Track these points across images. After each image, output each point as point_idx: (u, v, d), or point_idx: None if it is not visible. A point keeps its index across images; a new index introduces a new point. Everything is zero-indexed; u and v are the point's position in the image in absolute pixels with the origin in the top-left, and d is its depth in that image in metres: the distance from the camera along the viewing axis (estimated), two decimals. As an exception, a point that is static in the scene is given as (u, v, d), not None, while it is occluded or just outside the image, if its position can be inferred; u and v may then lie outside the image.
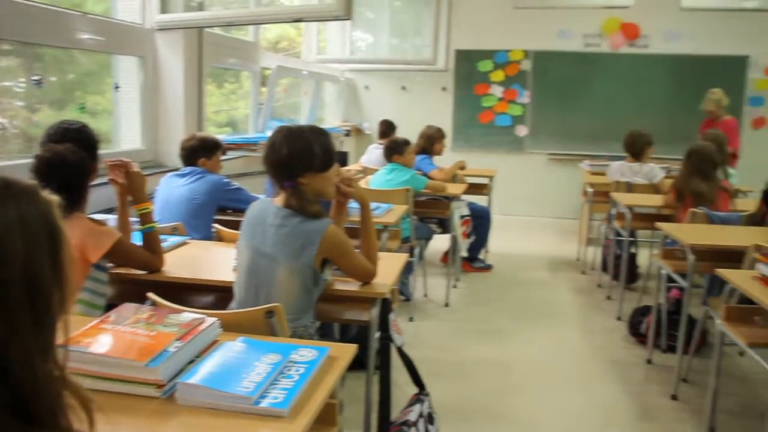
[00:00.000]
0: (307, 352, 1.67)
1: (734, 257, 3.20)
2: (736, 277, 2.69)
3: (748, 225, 3.97)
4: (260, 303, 2.11)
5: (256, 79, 6.29)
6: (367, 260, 2.42)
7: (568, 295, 5.35)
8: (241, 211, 2.42)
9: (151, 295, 2.12)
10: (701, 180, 4.23)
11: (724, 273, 2.75)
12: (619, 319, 4.73)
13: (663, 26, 8.26)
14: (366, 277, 2.42)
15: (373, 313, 2.39)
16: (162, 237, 2.76)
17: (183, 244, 2.97)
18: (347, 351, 1.73)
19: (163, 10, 4.38)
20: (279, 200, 2.31)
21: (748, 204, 4.46)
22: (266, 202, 2.37)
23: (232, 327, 1.83)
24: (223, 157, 3.99)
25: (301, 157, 2.27)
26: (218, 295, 2.54)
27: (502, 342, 4.28)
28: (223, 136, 5.43)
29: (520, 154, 8.69)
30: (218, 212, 3.61)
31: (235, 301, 2.34)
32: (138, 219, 2.53)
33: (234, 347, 1.66)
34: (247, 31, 6.12)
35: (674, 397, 3.55)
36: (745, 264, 3.00)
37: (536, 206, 8.72)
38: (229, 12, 5.17)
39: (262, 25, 6.29)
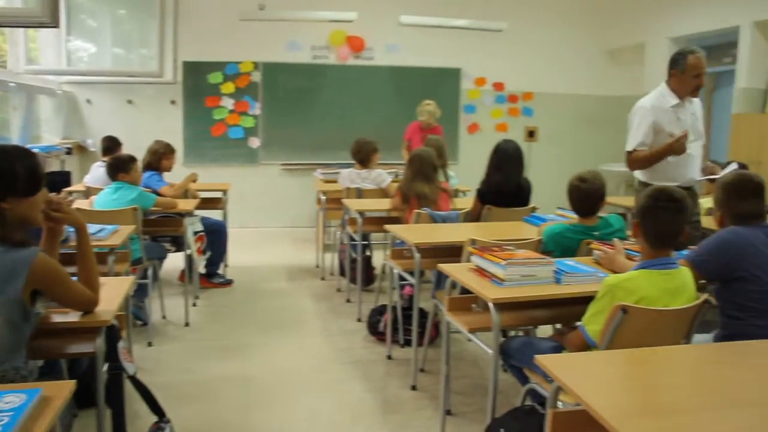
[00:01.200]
0: (13, 397, 1.48)
1: (455, 252, 3.47)
2: (455, 270, 2.91)
3: (466, 222, 4.35)
4: (-43, 348, 1.83)
5: (-50, 92, 5.53)
6: (86, 288, 2.22)
7: (309, 302, 5.43)
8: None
9: None
10: (424, 182, 4.52)
11: (444, 267, 2.97)
12: (359, 320, 4.90)
13: (385, 40, 8.80)
14: (86, 306, 2.23)
15: (98, 344, 2.20)
16: None
17: None
18: (63, 389, 1.56)
19: None
20: (-24, 229, 2.03)
21: (466, 202, 4.89)
22: (-39, 231, 2.07)
23: None
24: None
25: (2, 180, 2.02)
26: None
27: (247, 356, 4.21)
28: None
29: (254, 165, 8.66)
30: None
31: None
32: None
33: None
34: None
35: (414, 388, 3.76)
36: (464, 257, 3.26)
37: (273, 217, 8.77)
38: None
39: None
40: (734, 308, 2.62)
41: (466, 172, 7.46)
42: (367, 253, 5.61)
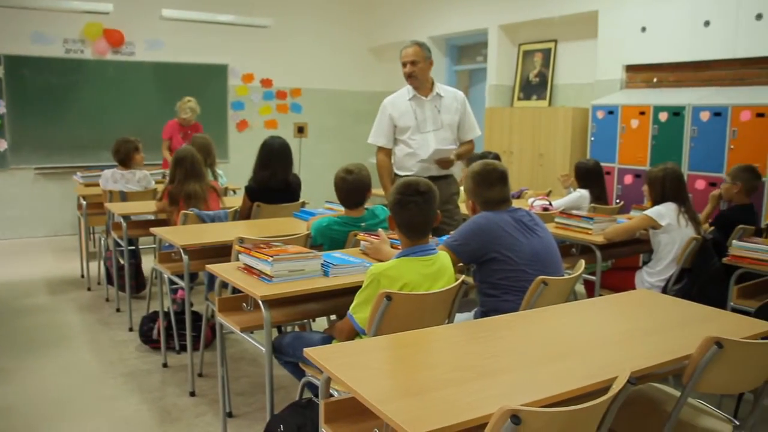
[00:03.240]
0: None
1: (226, 251, 3.40)
2: (223, 270, 2.86)
3: (236, 220, 4.29)
4: None
5: None
6: None
7: (74, 315, 5.04)
8: None
9: None
10: (193, 182, 4.39)
11: (212, 268, 2.90)
12: (131, 329, 4.66)
13: (146, 34, 8.37)
14: None
15: None
16: None
17: None
18: None
19: None
20: None
21: (237, 201, 4.82)
22: None
23: None
24: None
25: None
26: None
27: (2, 384, 3.79)
28: None
29: (2, 171, 7.79)
30: None
31: None
32: None
33: None
34: None
35: (193, 394, 3.65)
36: (233, 256, 3.21)
37: (29, 226, 8.01)
38: None
39: None
40: (490, 287, 2.84)
41: (237, 170, 7.38)
42: (136, 258, 5.33)
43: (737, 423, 2.19)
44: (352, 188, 3.41)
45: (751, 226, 4.08)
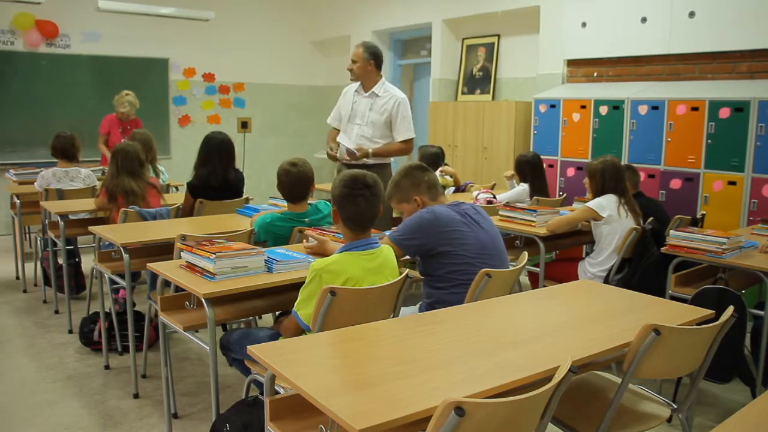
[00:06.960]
0: None
1: (169, 249, 3.33)
2: (165, 268, 2.80)
3: (179, 217, 4.21)
4: None
5: None
6: None
7: (10, 319, 4.87)
8: None
9: None
10: (130, 178, 4.28)
11: (153, 266, 2.84)
12: (70, 332, 4.53)
13: (82, 26, 8.12)
14: None
15: None
16: None
17: None
18: None
19: None
20: None
21: (180, 197, 4.73)
22: None
23: None
24: None
25: None
26: None
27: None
28: None
29: (-71, 168, 7.48)
30: None
31: None
32: None
33: None
34: None
35: (136, 396, 3.57)
36: (175, 254, 3.15)
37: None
38: None
39: None
40: (437, 280, 2.85)
41: (181, 166, 7.25)
42: (75, 258, 5.19)
43: (675, 406, 2.25)
44: (296, 181, 3.39)
45: (661, 211, 4.47)
